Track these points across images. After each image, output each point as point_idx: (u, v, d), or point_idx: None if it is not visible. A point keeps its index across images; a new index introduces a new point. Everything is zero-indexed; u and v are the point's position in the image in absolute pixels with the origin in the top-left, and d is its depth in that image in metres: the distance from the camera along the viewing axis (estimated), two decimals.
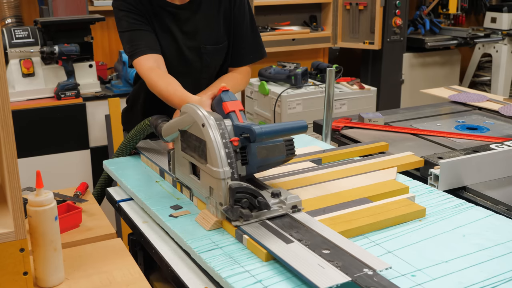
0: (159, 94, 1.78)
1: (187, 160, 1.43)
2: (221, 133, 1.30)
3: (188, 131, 1.39)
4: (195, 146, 1.36)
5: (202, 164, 1.33)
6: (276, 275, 1.12)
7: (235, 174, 1.29)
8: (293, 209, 1.30)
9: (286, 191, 1.34)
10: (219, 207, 1.28)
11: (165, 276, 1.39)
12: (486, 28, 5.09)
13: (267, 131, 1.29)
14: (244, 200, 1.24)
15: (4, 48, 2.98)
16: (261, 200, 1.25)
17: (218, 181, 1.26)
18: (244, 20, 1.98)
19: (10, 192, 1.05)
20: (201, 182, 1.38)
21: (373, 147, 1.90)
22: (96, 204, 1.64)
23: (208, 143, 1.28)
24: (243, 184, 1.24)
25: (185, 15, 1.91)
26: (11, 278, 1.09)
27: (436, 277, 1.09)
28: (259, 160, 1.35)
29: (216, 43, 1.96)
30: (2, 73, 0.99)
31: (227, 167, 1.26)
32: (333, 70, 2.16)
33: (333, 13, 4.35)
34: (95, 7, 3.62)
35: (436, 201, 1.46)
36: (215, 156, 1.27)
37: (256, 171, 1.37)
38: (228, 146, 1.30)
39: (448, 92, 2.92)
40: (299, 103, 3.49)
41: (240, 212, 1.23)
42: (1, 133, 1.02)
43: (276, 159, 1.38)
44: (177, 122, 1.45)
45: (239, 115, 1.39)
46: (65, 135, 3.10)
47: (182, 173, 1.48)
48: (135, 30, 1.84)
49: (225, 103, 1.42)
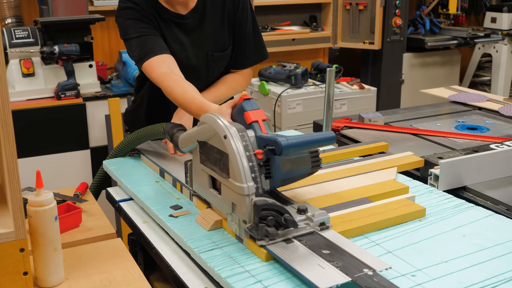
0: (175, 101, 1.70)
1: (206, 173, 1.33)
2: (244, 145, 1.21)
3: (208, 142, 1.29)
4: (216, 159, 1.26)
5: (224, 178, 1.23)
6: (276, 275, 1.12)
7: (259, 189, 1.20)
8: (321, 227, 1.22)
9: (313, 207, 1.25)
10: (243, 225, 1.19)
11: (165, 276, 1.39)
12: (486, 28, 5.09)
13: (294, 144, 1.18)
14: (270, 218, 1.15)
15: (4, 48, 2.98)
16: (288, 217, 1.16)
17: (242, 197, 1.17)
18: (247, 22, 1.97)
19: (10, 192, 1.05)
20: (222, 198, 1.28)
21: (373, 147, 1.90)
22: (96, 204, 1.64)
23: (231, 156, 1.19)
24: (268, 201, 1.16)
25: (192, 24, 1.89)
26: (11, 278, 1.09)
27: (436, 277, 1.09)
28: (283, 173, 1.25)
29: (222, 50, 1.95)
30: (2, 73, 0.99)
31: (251, 182, 1.17)
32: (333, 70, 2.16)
33: (333, 13, 4.35)
34: (95, 7, 3.62)
35: (436, 201, 1.46)
36: (238, 170, 1.18)
37: (280, 185, 1.28)
38: (252, 160, 1.20)
39: (448, 92, 2.92)
40: (299, 103, 3.49)
41: (266, 231, 1.14)
42: (1, 133, 1.02)
43: (301, 172, 1.29)
44: (196, 133, 1.35)
45: (262, 126, 1.30)
46: (65, 135, 3.10)
47: (201, 186, 1.38)
48: (145, 35, 1.79)
49: (247, 112, 1.33)
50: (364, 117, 2.36)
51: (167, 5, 1.85)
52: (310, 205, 1.26)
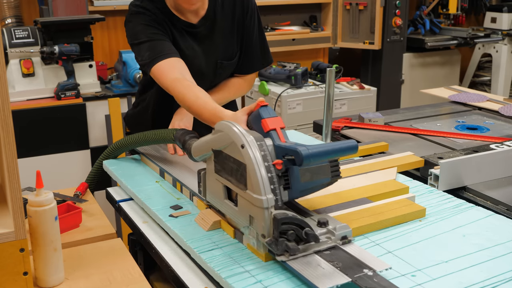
0: (188, 107, 1.65)
1: (221, 183, 1.27)
2: (262, 155, 1.15)
3: (224, 151, 1.23)
4: (232, 169, 1.20)
5: (241, 189, 1.17)
6: (276, 275, 1.12)
7: (278, 201, 1.14)
8: (343, 240, 1.16)
9: (334, 219, 1.20)
10: (261, 239, 1.14)
11: (165, 276, 1.39)
12: (486, 28, 5.09)
13: (315, 153, 1.11)
14: (291, 232, 1.10)
15: (4, 48, 2.98)
16: (309, 232, 1.11)
17: (260, 210, 1.12)
18: (255, 29, 1.96)
19: (10, 192, 1.05)
20: (238, 210, 1.22)
21: (373, 147, 1.90)
22: (96, 204, 1.64)
23: (249, 167, 1.14)
24: (289, 214, 1.11)
25: (203, 33, 1.87)
26: (11, 278, 1.09)
27: (436, 277, 1.09)
28: (303, 184, 1.20)
29: (230, 58, 1.95)
30: (2, 73, 0.99)
31: (270, 194, 1.12)
32: (333, 70, 2.16)
33: (333, 13, 4.35)
34: (95, 7, 3.62)
35: (436, 201, 1.46)
36: (256, 182, 1.12)
37: (299, 195, 1.22)
38: (271, 170, 1.15)
39: (448, 92, 2.92)
40: (299, 103, 3.49)
41: (286, 246, 1.09)
42: (1, 133, 1.02)
43: (320, 182, 1.23)
44: (211, 141, 1.29)
45: (281, 134, 1.24)
46: (65, 135, 3.10)
47: (215, 197, 1.32)
48: (156, 40, 1.76)
49: (264, 120, 1.27)
50: (364, 117, 2.36)
51: (178, 13, 1.84)
52: (330, 217, 1.21)
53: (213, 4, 1.88)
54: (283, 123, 1.27)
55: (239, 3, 1.91)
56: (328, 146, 1.14)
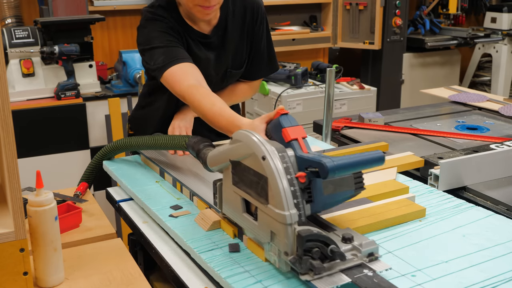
0: (203, 115, 1.59)
1: (239, 195, 1.20)
2: (285, 167, 1.09)
3: (243, 163, 1.16)
4: (252, 181, 1.14)
5: (262, 204, 1.11)
6: (276, 275, 1.12)
7: (302, 216, 1.08)
8: (369, 257, 1.09)
9: (359, 235, 1.13)
10: (284, 257, 1.07)
11: (165, 276, 1.39)
12: (486, 28, 5.09)
13: (340, 166, 1.05)
14: (316, 250, 1.03)
15: (4, 48, 2.98)
16: (335, 249, 1.05)
17: (283, 226, 1.05)
18: (263, 37, 1.95)
19: (10, 192, 1.05)
20: (259, 225, 1.15)
21: (373, 147, 1.90)
22: (96, 204, 1.64)
23: (271, 180, 1.07)
24: (313, 231, 1.04)
25: (215, 43, 1.86)
26: (11, 278, 1.09)
27: (436, 277, 1.09)
28: (325, 196, 1.14)
29: (239, 67, 1.94)
30: (2, 73, 0.99)
31: (293, 209, 1.05)
32: (333, 70, 2.16)
33: (333, 13, 4.35)
34: (95, 7, 3.62)
35: (436, 201, 1.46)
36: (279, 196, 1.06)
37: (322, 209, 1.16)
38: (294, 184, 1.08)
39: (448, 92, 2.92)
40: (299, 103, 3.49)
41: (311, 264, 1.02)
42: (1, 133, 1.02)
43: (344, 194, 1.17)
44: (228, 151, 1.22)
45: (303, 144, 1.18)
46: (65, 135, 3.10)
47: (233, 210, 1.25)
48: (171, 46, 1.73)
49: (285, 129, 1.21)
50: (364, 117, 2.36)
51: (191, 23, 1.82)
52: (355, 232, 1.14)
53: (225, 13, 1.86)
54: (305, 132, 1.21)
55: (249, 10, 1.90)
56: (354, 157, 1.09)
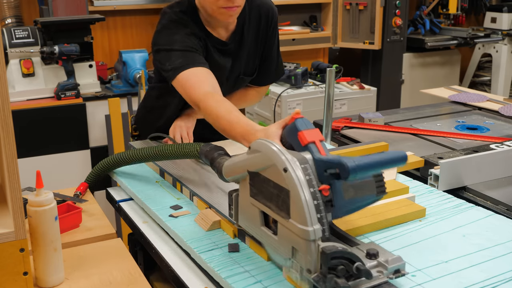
0: (218, 122, 1.53)
1: (257, 208, 1.14)
2: (307, 179, 1.03)
3: (262, 174, 1.11)
4: (272, 194, 1.08)
5: (283, 218, 1.05)
6: (276, 275, 1.12)
7: (325, 231, 1.02)
8: (395, 275, 1.05)
9: (384, 250, 1.08)
10: (307, 274, 1.02)
11: (165, 276, 1.39)
12: (486, 28, 5.08)
13: (362, 165, 1.00)
14: (341, 268, 0.98)
15: (4, 48, 2.98)
16: (361, 267, 0.99)
17: (306, 242, 1.00)
18: (275, 42, 1.96)
19: (10, 192, 1.05)
20: (279, 240, 1.09)
21: (373, 147, 1.90)
22: (96, 204, 1.64)
23: (293, 194, 1.02)
24: (338, 247, 0.99)
25: (232, 50, 1.85)
26: (11, 278, 1.09)
27: (436, 277, 1.09)
28: (346, 201, 1.08)
29: (251, 74, 1.95)
30: (2, 73, 0.99)
31: (317, 224, 1.00)
32: (333, 70, 2.17)
33: (333, 13, 4.35)
34: (95, 7, 3.62)
35: (436, 201, 1.46)
36: (302, 211, 1.00)
37: (343, 214, 1.10)
38: (317, 197, 1.03)
39: (448, 92, 2.92)
40: (299, 103, 3.49)
41: (335, 283, 0.98)
42: (1, 133, 1.02)
43: (365, 199, 1.11)
44: (246, 162, 1.17)
45: (321, 147, 1.12)
46: (65, 135, 3.10)
47: (250, 223, 1.19)
48: (191, 51, 1.69)
49: (301, 132, 1.16)
50: (364, 117, 2.36)
51: (210, 29, 1.80)
52: (380, 247, 1.09)
53: (242, 18, 1.84)
54: (321, 135, 1.17)
55: (264, 15, 1.90)
56: (375, 157, 1.04)
